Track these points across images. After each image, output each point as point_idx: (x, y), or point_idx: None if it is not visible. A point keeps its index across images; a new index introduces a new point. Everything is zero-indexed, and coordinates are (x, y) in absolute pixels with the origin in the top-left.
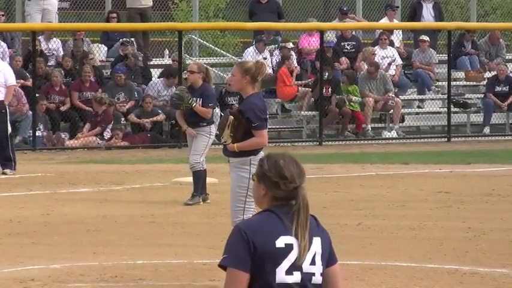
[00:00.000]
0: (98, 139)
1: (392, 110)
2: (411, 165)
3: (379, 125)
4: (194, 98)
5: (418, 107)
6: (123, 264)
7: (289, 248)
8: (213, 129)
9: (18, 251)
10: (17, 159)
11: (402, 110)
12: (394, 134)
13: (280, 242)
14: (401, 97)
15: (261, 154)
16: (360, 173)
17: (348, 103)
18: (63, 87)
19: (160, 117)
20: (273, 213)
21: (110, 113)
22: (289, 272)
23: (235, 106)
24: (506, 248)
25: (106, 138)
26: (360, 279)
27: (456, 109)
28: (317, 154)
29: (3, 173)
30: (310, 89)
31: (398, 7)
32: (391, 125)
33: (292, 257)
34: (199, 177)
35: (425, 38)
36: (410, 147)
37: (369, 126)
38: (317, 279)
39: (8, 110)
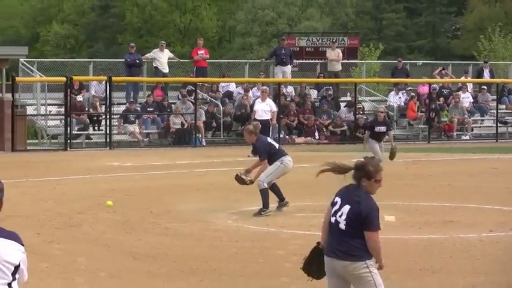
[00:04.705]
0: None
1: (466, 125)
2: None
3: (459, 132)
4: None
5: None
6: None
7: None
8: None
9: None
10: None
11: (471, 124)
12: (467, 137)
13: None
14: (472, 118)
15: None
16: (442, 158)
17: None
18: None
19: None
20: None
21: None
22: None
23: (381, 133)
24: None
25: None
26: None
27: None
28: (425, 148)
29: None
30: (423, 114)
31: (467, 73)
32: (465, 132)
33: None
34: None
35: (485, 87)
36: (486, 144)
37: (454, 133)
38: (342, 226)
39: (271, 126)
